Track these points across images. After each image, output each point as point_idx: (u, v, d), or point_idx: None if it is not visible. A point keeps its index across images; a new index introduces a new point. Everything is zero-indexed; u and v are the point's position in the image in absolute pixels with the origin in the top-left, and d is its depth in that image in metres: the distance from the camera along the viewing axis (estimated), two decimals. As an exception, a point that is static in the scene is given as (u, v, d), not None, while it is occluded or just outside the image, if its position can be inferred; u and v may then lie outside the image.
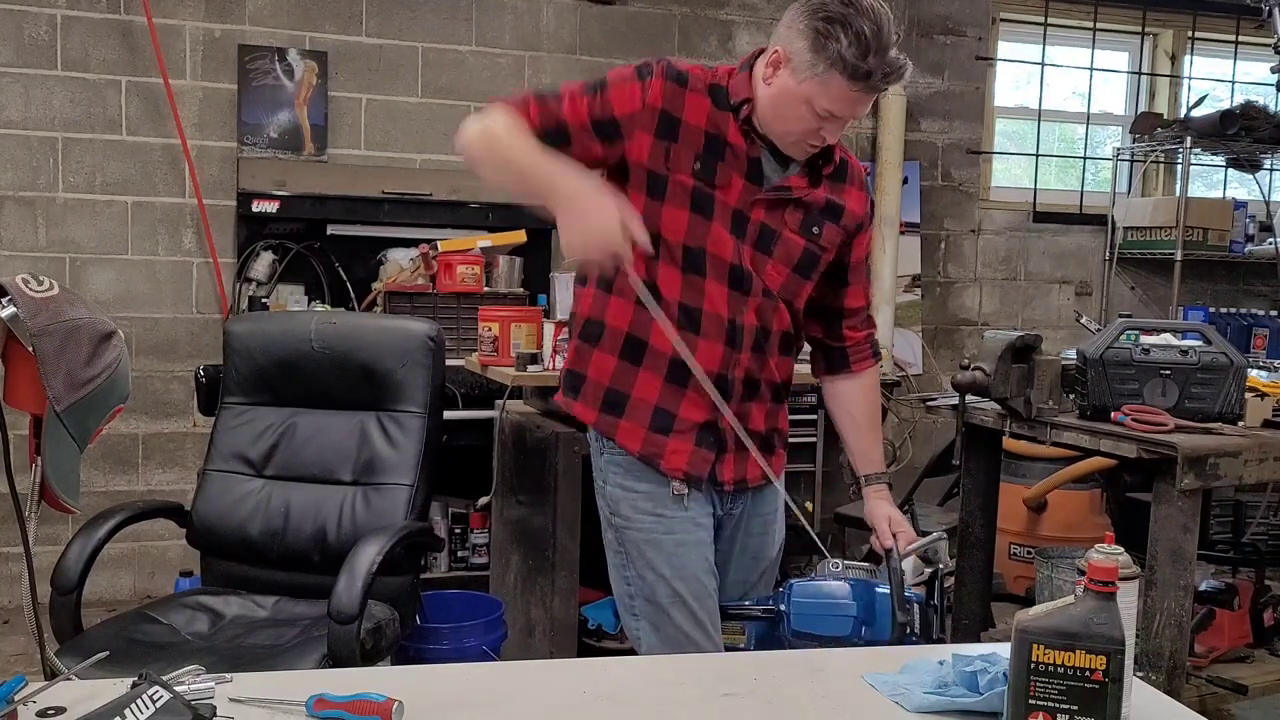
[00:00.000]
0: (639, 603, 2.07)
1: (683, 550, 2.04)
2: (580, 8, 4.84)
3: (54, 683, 1.40)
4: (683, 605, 2.02)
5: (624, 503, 2.06)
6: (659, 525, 2.04)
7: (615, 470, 2.07)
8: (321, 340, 2.77)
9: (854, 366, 2.24)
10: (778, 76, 1.92)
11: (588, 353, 2.06)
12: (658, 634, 2.05)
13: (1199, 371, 2.63)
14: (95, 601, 3.69)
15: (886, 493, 2.21)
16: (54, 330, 1.47)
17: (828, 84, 1.86)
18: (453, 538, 4.32)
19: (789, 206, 2.03)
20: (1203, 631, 3.19)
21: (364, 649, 2.31)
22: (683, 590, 2.02)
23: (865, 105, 1.93)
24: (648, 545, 2.04)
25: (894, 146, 5.19)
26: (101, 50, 4.30)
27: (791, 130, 1.94)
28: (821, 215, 2.06)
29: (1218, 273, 5.81)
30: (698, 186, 1.96)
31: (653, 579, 2.04)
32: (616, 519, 2.07)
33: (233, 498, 2.74)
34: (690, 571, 2.03)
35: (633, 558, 2.06)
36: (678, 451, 2.03)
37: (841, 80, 1.85)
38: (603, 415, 2.05)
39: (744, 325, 2.02)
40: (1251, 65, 5.87)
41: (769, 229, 2.02)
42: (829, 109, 1.89)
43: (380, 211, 4.45)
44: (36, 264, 4.22)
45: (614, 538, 2.09)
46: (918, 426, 5.37)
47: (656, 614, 2.04)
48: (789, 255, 2.05)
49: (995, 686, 1.41)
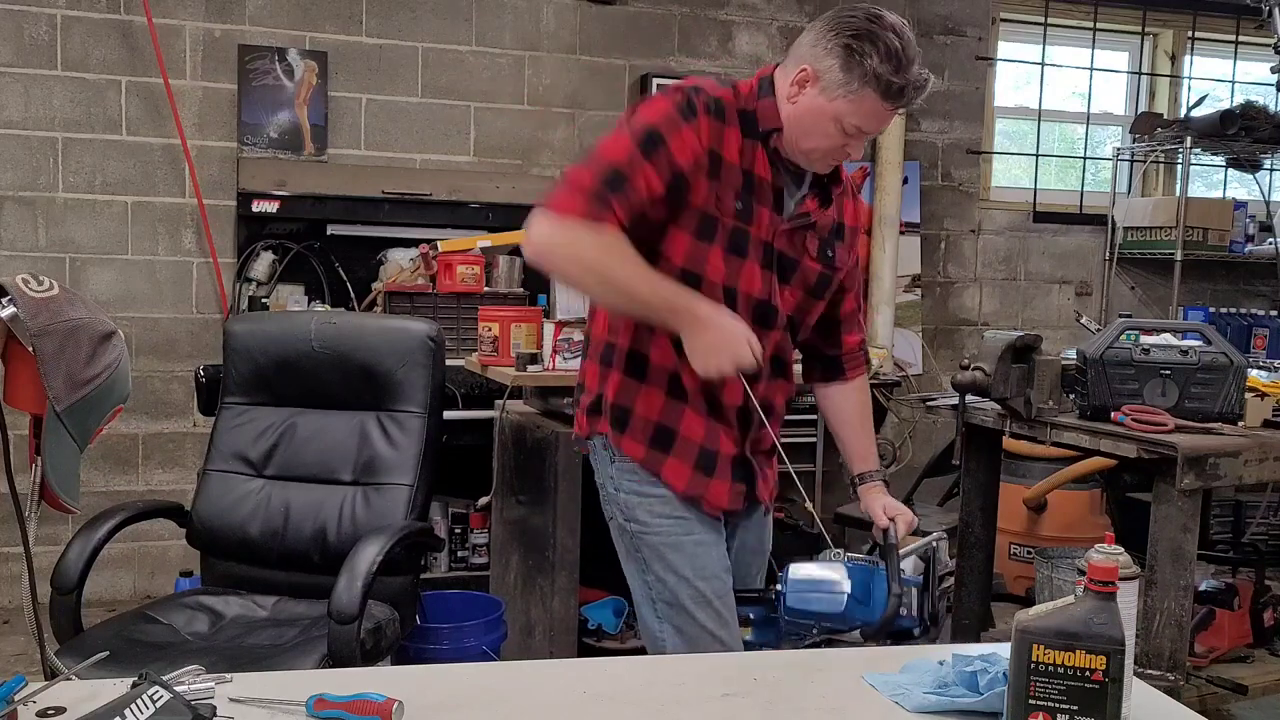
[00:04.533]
0: (660, 606, 2.06)
1: (702, 550, 2.04)
2: (580, 8, 4.84)
3: (54, 683, 1.40)
4: (707, 605, 2.03)
5: (640, 508, 2.05)
6: (678, 527, 2.04)
7: (629, 477, 2.06)
8: (321, 340, 2.77)
9: (849, 374, 2.27)
10: (804, 95, 1.91)
11: (634, 388, 2.04)
12: (681, 636, 2.04)
13: (1199, 371, 2.64)
14: (95, 601, 3.70)
15: (882, 487, 2.22)
16: (54, 330, 1.47)
17: (860, 101, 1.86)
18: (453, 538, 4.32)
19: (809, 233, 2.04)
20: (1203, 631, 3.19)
21: (364, 649, 2.31)
22: (706, 590, 2.03)
23: (889, 120, 1.94)
24: (668, 548, 2.04)
25: (894, 146, 5.19)
26: (101, 50, 4.30)
27: (818, 147, 1.94)
28: (833, 237, 2.09)
29: (1218, 273, 5.81)
30: (736, 226, 1.96)
31: (675, 581, 2.03)
32: (632, 524, 2.06)
33: (233, 498, 2.73)
34: (712, 571, 2.04)
35: (651, 562, 2.05)
36: (719, 492, 2.07)
37: (875, 97, 1.86)
38: (651, 451, 2.04)
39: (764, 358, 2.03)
40: (1251, 65, 5.87)
41: (789, 258, 2.03)
42: (859, 125, 1.89)
43: (380, 211, 4.46)
44: (36, 264, 4.22)
45: (630, 544, 2.08)
46: (918, 426, 5.37)
47: (679, 616, 2.03)
48: (805, 281, 2.07)
49: (995, 686, 1.41)
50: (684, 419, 2.03)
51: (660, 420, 2.03)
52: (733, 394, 2.02)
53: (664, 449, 2.04)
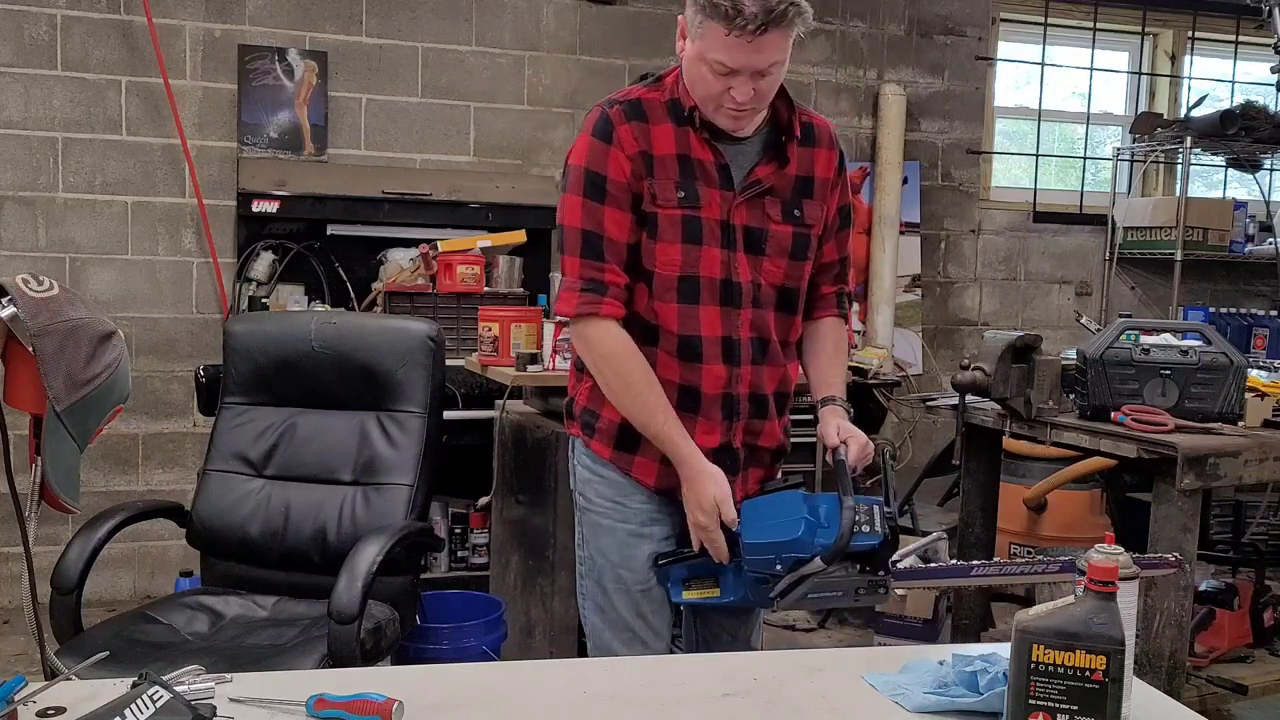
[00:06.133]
0: (588, 583, 2.12)
1: (634, 541, 2.06)
2: (580, 8, 4.84)
3: (54, 683, 1.40)
4: (626, 594, 2.06)
5: (590, 486, 2.10)
6: (617, 513, 2.07)
7: (588, 456, 2.10)
8: (321, 340, 2.77)
9: (815, 314, 2.19)
10: (684, 50, 1.93)
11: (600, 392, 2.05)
12: (601, 616, 2.09)
13: (1199, 371, 2.64)
14: (95, 601, 3.70)
15: (840, 411, 2.10)
16: (54, 330, 1.47)
17: (708, 35, 1.85)
18: (453, 538, 4.32)
19: (766, 198, 2.02)
20: (1203, 631, 3.19)
21: (364, 649, 2.31)
22: (627, 579, 2.06)
23: (758, 56, 1.85)
24: (603, 531, 2.08)
25: (894, 146, 5.19)
26: (101, 50, 4.30)
27: (705, 96, 1.92)
28: (798, 195, 2.05)
29: (1218, 273, 5.81)
30: (685, 215, 1.97)
31: (601, 562, 2.08)
32: (581, 499, 2.12)
33: (233, 498, 2.73)
34: (638, 563, 2.06)
35: (588, 539, 2.11)
36: None
37: (716, 27, 1.83)
38: (618, 452, 2.06)
39: (739, 340, 2.02)
40: (1251, 65, 5.87)
41: (755, 229, 2.02)
42: (720, 60, 1.85)
43: (380, 211, 4.46)
44: (36, 264, 4.22)
45: (578, 517, 2.14)
46: (918, 426, 5.37)
47: (602, 597, 2.09)
48: (781, 246, 2.04)
49: (995, 686, 1.41)
50: None
51: (623, 422, 2.03)
52: (712, 383, 2.01)
53: (630, 449, 2.05)
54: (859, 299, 5.21)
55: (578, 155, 1.98)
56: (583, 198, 1.94)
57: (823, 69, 5.19)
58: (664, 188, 1.95)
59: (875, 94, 5.27)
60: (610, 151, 1.94)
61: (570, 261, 1.97)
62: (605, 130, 1.95)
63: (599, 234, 1.94)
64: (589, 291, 1.95)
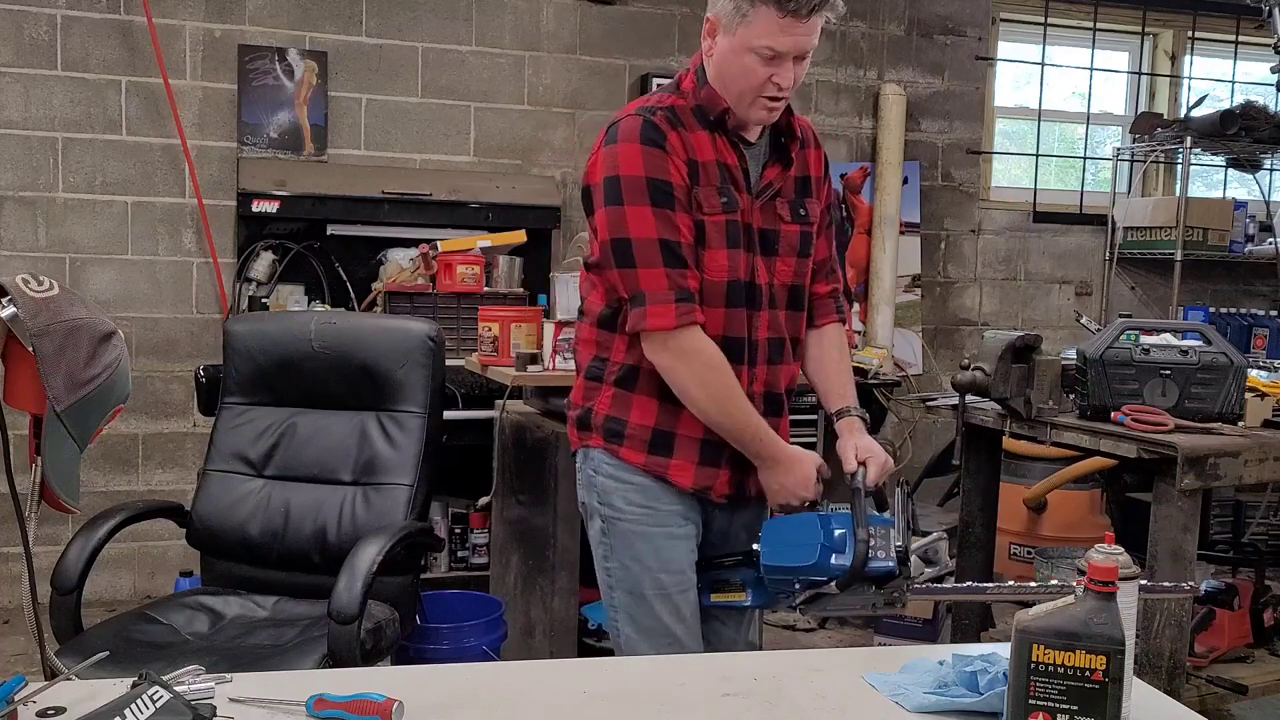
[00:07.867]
0: (618, 595, 2.08)
1: (671, 544, 2.05)
2: (580, 8, 4.84)
3: (54, 683, 1.40)
4: (666, 599, 2.04)
5: (616, 494, 2.06)
6: (650, 517, 2.05)
7: (608, 462, 2.07)
8: (321, 340, 2.77)
9: (818, 321, 2.21)
10: (716, 45, 1.94)
11: (627, 399, 2.05)
12: (636, 627, 2.05)
13: (1199, 371, 2.64)
14: (95, 601, 3.70)
15: (858, 424, 2.12)
16: (54, 330, 1.47)
17: (756, 21, 1.87)
18: (453, 538, 4.32)
19: (778, 199, 2.05)
20: (1203, 631, 3.19)
21: (364, 649, 2.31)
22: (668, 583, 2.04)
23: (805, 39, 1.89)
24: (637, 537, 2.05)
25: (894, 146, 5.19)
26: (101, 50, 4.30)
27: (746, 89, 1.93)
28: (801, 195, 2.09)
29: (1218, 273, 5.81)
30: (729, 220, 1.98)
31: (638, 570, 2.04)
32: (605, 509, 2.08)
33: (233, 498, 2.73)
34: (676, 565, 2.05)
35: (618, 549, 2.07)
36: (726, 482, 2.07)
37: (768, 9, 1.85)
38: (651, 456, 2.05)
39: (757, 340, 2.04)
40: (1251, 65, 5.87)
41: (769, 230, 2.04)
42: (768, 45, 1.87)
43: (380, 211, 4.45)
44: (36, 264, 4.22)
45: (601, 528, 2.09)
46: (918, 426, 5.37)
47: (638, 606, 2.05)
48: (791, 245, 2.08)
49: (995, 686, 1.41)
50: (681, 419, 2.03)
51: (657, 425, 2.03)
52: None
53: (665, 453, 2.04)
54: (859, 299, 5.21)
55: (630, 165, 1.93)
56: (653, 207, 1.91)
57: (823, 69, 5.19)
58: (708, 194, 1.96)
59: (875, 94, 5.27)
60: (669, 158, 1.93)
61: (652, 275, 1.92)
62: (657, 138, 1.93)
63: (678, 241, 1.93)
64: (684, 301, 1.93)
